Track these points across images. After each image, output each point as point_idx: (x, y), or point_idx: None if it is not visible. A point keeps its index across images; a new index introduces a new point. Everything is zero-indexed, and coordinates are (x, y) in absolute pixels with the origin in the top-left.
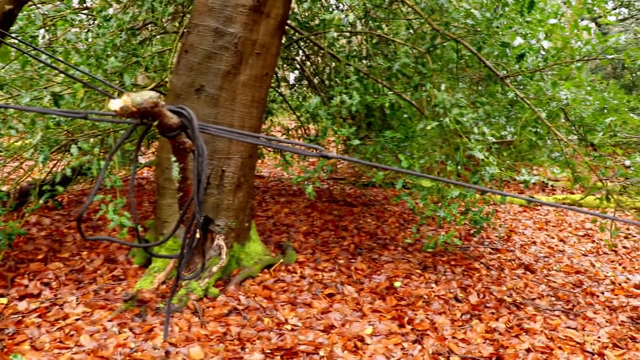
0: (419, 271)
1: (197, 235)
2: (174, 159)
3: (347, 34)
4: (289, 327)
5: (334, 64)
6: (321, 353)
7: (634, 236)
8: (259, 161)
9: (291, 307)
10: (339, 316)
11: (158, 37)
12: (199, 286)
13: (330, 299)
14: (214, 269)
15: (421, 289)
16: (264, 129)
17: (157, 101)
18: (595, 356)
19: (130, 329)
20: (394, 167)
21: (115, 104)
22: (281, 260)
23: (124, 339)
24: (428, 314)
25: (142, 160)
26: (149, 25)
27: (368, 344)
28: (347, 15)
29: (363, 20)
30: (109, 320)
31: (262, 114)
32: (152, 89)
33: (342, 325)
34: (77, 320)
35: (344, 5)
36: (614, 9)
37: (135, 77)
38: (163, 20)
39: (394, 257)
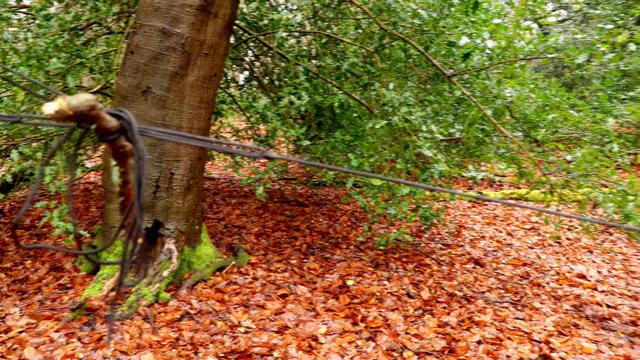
0: (371, 269)
1: (140, 241)
2: (113, 163)
3: (296, 33)
4: (242, 329)
5: (283, 64)
6: (275, 354)
7: (576, 227)
8: (209, 163)
9: (244, 310)
10: (293, 317)
11: (103, 37)
12: (149, 291)
13: (283, 299)
14: (165, 273)
15: (374, 287)
16: (213, 131)
17: (94, 104)
18: (542, 344)
19: (79, 339)
20: (336, 167)
21: (50, 108)
22: (233, 263)
23: (72, 350)
24: (381, 311)
25: (88, 164)
26: (93, 25)
27: (322, 343)
28: (295, 15)
29: (312, 20)
30: (56, 331)
31: (211, 115)
32: (97, 91)
33: (295, 326)
34: (20, 332)
35: (292, 5)
36: (554, 10)
37: (79, 79)
38: (107, 20)
39: (346, 256)
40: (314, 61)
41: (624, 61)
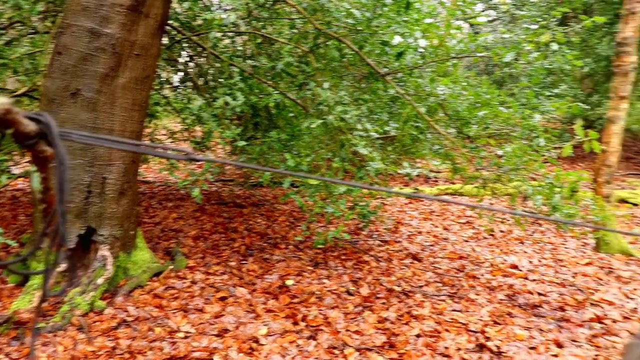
0: (310, 268)
1: (63, 249)
2: (34, 168)
3: (231, 34)
4: (181, 334)
5: (217, 65)
6: (216, 358)
7: (508, 220)
8: (145, 166)
9: (183, 314)
10: (233, 319)
11: (27, 37)
12: (83, 301)
13: (222, 302)
14: (100, 281)
15: (313, 286)
16: (148, 133)
17: (9, 108)
18: (478, 334)
19: (7, 355)
20: (264, 168)
21: None
22: (171, 267)
23: None
24: (321, 310)
25: (15, 170)
26: (16, 24)
27: (263, 345)
28: (229, 15)
29: (246, 20)
30: None
31: (144, 118)
32: (23, 94)
33: (236, 328)
34: None
35: (226, 5)
36: (484, 10)
37: (3, 81)
38: (32, 19)
39: (285, 256)
40: (249, 61)
41: (548, 60)
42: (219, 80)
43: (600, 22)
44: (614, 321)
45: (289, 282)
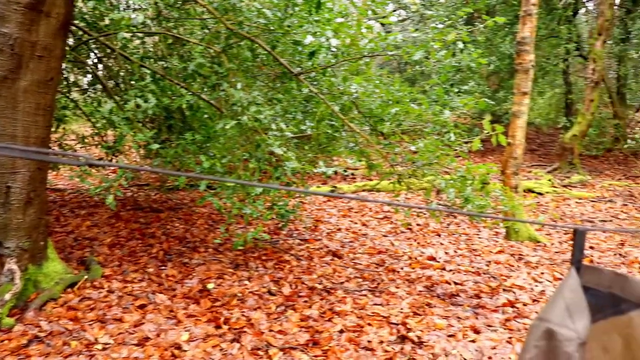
0: (231, 270)
1: None
2: None
3: (140, 34)
4: (99, 346)
5: (128, 66)
6: None
7: (425, 214)
8: (54, 173)
9: (100, 325)
10: (153, 327)
11: None
12: None
13: (142, 310)
14: (7, 296)
15: (235, 288)
16: (56, 138)
17: None
18: (400, 326)
19: None
20: (173, 172)
21: None
22: (85, 277)
23: None
24: (244, 311)
25: None
26: None
27: (185, 351)
28: (137, 15)
29: (156, 20)
30: None
31: (51, 122)
32: None
33: (157, 336)
34: None
35: (134, 4)
36: (395, 10)
37: None
38: None
39: (205, 259)
40: (160, 63)
41: (456, 58)
42: (130, 82)
43: (502, 22)
44: (525, 304)
45: (210, 286)
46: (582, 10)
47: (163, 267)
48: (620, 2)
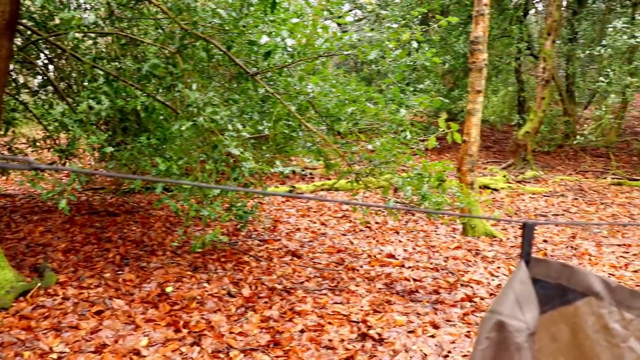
0: (190, 273)
1: None
2: None
3: (93, 34)
4: (54, 355)
5: (80, 67)
6: None
7: (383, 212)
8: (4, 178)
9: (55, 334)
10: (111, 333)
11: None
12: None
13: (99, 316)
14: None
15: (194, 290)
16: (6, 142)
17: None
18: (360, 324)
19: None
20: (126, 175)
21: None
22: (39, 284)
23: None
24: (203, 314)
25: None
26: None
27: (145, 356)
28: (88, 15)
29: (109, 20)
30: None
31: None
32: None
33: (115, 342)
34: None
35: (85, 3)
36: (351, 10)
37: None
38: None
39: (163, 263)
40: (113, 63)
41: (411, 57)
42: (82, 83)
43: (455, 22)
44: (482, 298)
45: (169, 289)
46: (532, 11)
47: (120, 272)
48: (567, 3)
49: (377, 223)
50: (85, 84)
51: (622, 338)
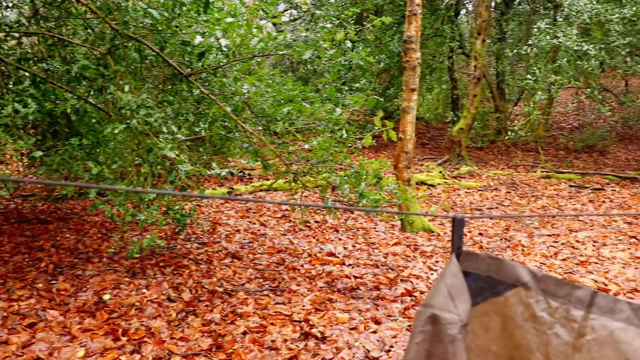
0: (128, 279)
1: None
2: None
3: (16, 34)
4: None
5: (3, 69)
6: None
7: (322, 211)
8: None
9: None
10: (45, 346)
11: None
12: None
13: (31, 329)
14: None
15: (132, 297)
16: None
17: None
18: (303, 323)
19: None
20: (57, 181)
21: None
22: None
23: None
24: (143, 321)
25: None
26: None
27: None
28: (10, 13)
29: (34, 19)
30: None
31: None
32: None
33: (49, 355)
34: None
35: (7, 2)
36: (286, 10)
37: None
38: None
39: (99, 270)
40: (40, 65)
41: (346, 57)
42: (7, 86)
43: (389, 21)
44: (422, 293)
45: (106, 297)
46: (463, 11)
47: (54, 281)
48: (495, 4)
49: (316, 222)
50: (10, 86)
51: (549, 325)
